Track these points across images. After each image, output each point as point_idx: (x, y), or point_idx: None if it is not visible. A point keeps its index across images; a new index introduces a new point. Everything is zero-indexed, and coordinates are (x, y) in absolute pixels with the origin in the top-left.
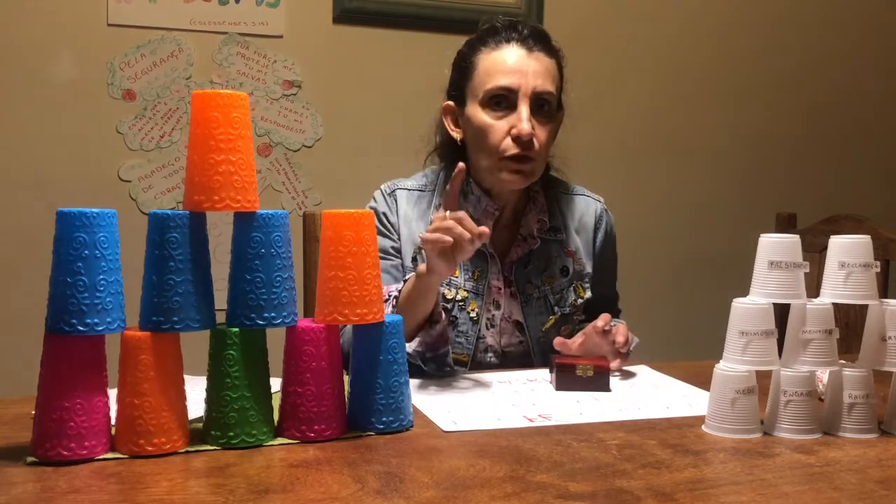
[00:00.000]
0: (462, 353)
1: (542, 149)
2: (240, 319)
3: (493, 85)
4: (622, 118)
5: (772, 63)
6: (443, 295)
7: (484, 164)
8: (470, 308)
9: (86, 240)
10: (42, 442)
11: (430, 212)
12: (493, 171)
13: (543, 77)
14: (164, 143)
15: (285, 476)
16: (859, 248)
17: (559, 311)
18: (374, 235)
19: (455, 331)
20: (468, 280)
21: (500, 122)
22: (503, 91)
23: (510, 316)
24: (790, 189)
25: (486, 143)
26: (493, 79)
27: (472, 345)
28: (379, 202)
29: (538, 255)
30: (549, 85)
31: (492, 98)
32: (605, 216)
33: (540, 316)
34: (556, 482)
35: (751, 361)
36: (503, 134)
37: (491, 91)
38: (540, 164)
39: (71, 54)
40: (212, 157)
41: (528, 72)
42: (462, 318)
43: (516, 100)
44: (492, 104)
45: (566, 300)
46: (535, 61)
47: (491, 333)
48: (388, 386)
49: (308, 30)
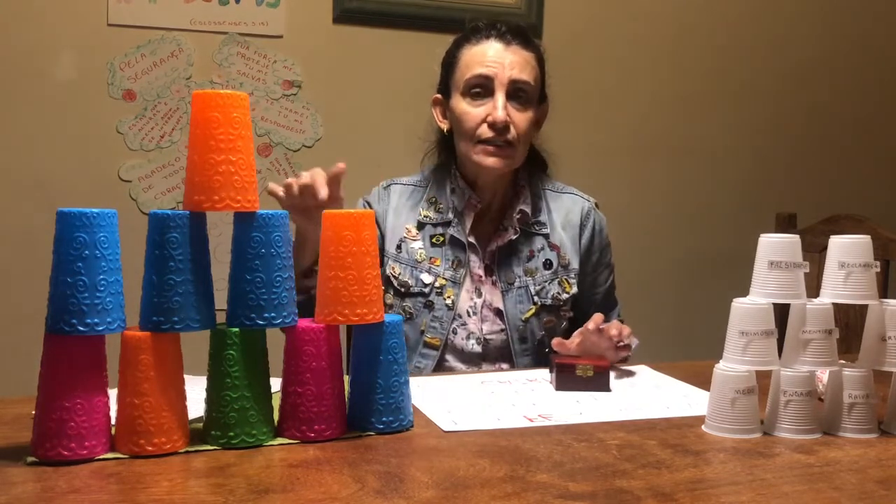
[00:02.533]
0: (435, 338)
1: (520, 135)
2: (240, 319)
3: (471, 74)
4: (622, 118)
5: (772, 63)
6: (421, 280)
7: (463, 149)
8: (446, 295)
9: (86, 240)
10: (42, 442)
11: (420, 205)
12: (470, 154)
13: (520, 67)
14: (164, 143)
15: (285, 476)
16: (859, 248)
17: (539, 302)
18: (373, 235)
19: (430, 315)
20: (447, 269)
21: (478, 110)
22: (481, 80)
23: (491, 304)
24: (790, 189)
25: (465, 129)
26: (471, 69)
27: (445, 330)
28: (371, 195)
29: (521, 246)
30: (525, 75)
31: (471, 87)
32: (594, 214)
33: (520, 305)
34: (556, 482)
35: (751, 361)
36: (479, 120)
37: (470, 81)
38: (520, 149)
39: (71, 54)
40: (212, 157)
41: (504, 63)
42: (438, 303)
43: (493, 88)
44: (471, 93)
45: (548, 292)
46: (512, 53)
47: (473, 321)
48: (388, 386)
49: (308, 30)
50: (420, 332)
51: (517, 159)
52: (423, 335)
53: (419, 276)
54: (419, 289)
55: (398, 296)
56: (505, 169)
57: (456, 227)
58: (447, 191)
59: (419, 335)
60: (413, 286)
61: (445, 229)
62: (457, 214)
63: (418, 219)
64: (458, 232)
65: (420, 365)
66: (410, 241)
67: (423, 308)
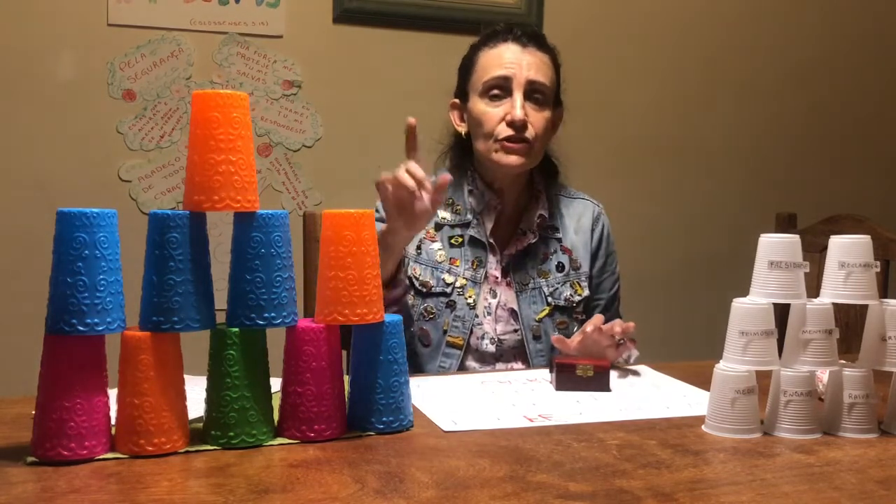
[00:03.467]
0: (458, 337)
1: (537, 134)
2: (240, 319)
3: (489, 76)
4: (622, 118)
5: (772, 63)
6: (443, 280)
7: (482, 148)
8: (468, 295)
9: (86, 240)
10: (42, 442)
11: None
12: (489, 153)
13: (536, 68)
14: (164, 143)
15: (285, 476)
16: (859, 248)
17: (553, 303)
18: (373, 235)
19: (452, 315)
20: (468, 269)
21: (496, 110)
22: (499, 81)
23: (506, 304)
24: (790, 189)
25: (483, 129)
26: (489, 72)
27: (467, 329)
28: None
29: (536, 249)
30: (542, 76)
31: (489, 89)
32: (602, 218)
33: (534, 305)
34: (556, 482)
35: (751, 361)
36: (498, 120)
37: (488, 82)
38: (536, 148)
39: (71, 54)
40: (212, 157)
41: (521, 64)
42: (460, 303)
43: (511, 89)
44: (489, 95)
45: (560, 294)
46: (529, 55)
47: (488, 321)
48: (388, 386)
49: (308, 30)
50: (443, 331)
51: (535, 158)
52: (446, 335)
53: (441, 277)
54: (441, 288)
55: (419, 296)
56: (523, 167)
57: (476, 228)
58: (464, 193)
59: (441, 335)
60: (435, 286)
61: (464, 230)
62: (476, 216)
63: (436, 220)
64: (478, 233)
65: (444, 365)
66: (430, 242)
67: (445, 308)
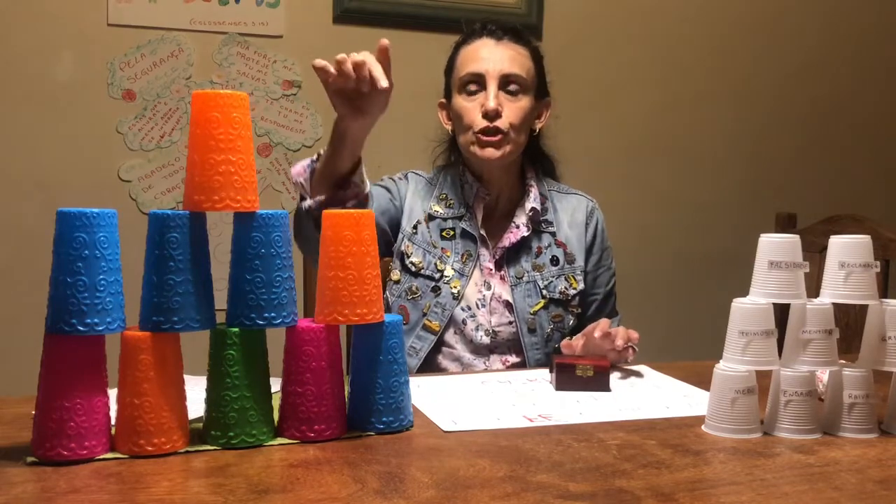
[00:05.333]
0: (435, 323)
1: (511, 123)
2: (240, 319)
3: (465, 72)
4: (622, 118)
5: (772, 63)
6: (434, 265)
7: (462, 141)
8: (453, 285)
9: (86, 240)
10: (42, 442)
11: (431, 200)
12: (468, 146)
13: (510, 60)
14: (164, 143)
15: (285, 476)
16: (859, 248)
17: (548, 296)
18: (373, 235)
19: (434, 300)
20: (457, 261)
21: (472, 104)
22: (474, 77)
23: (500, 296)
24: (790, 189)
25: (462, 123)
26: (465, 68)
27: (446, 318)
28: (394, 177)
29: (530, 243)
30: (517, 68)
31: (465, 84)
32: (596, 213)
33: (528, 298)
34: (556, 482)
35: (751, 361)
36: (474, 113)
37: (464, 78)
38: (514, 138)
39: (71, 54)
40: (212, 157)
41: (495, 58)
42: (445, 290)
43: (486, 83)
44: (466, 90)
45: (555, 287)
46: (503, 48)
47: (482, 313)
48: (388, 386)
49: (308, 30)
50: (422, 313)
51: (512, 149)
52: (425, 317)
53: (432, 261)
54: (430, 272)
55: (407, 272)
56: (501, 160)
57: (468, 220)
58: (457, 187)
59: (420, 316)
60: (425, 269)
61: (456, 223)
62: (468, 209)
63: (428, 212)
64: (470, 226)
65: (416, 346)
66: (425, 224)
67: (430, 291)
